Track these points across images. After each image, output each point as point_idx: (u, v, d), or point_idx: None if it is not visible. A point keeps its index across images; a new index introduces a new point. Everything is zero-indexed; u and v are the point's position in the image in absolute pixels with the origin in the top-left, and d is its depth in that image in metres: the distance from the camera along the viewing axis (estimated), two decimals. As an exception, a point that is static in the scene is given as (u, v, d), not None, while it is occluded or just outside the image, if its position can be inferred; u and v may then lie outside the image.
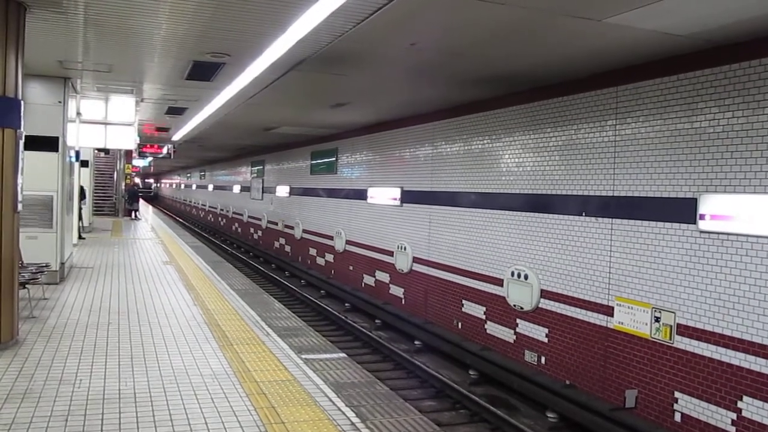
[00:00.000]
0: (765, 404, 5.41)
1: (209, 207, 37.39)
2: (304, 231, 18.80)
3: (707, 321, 5.97)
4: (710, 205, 5.91)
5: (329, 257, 16.58)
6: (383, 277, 13.14)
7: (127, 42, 6.77)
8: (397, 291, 12.51)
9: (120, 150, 23.03)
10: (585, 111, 7.57)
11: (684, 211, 6.19)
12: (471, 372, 8.90)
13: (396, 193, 12.49)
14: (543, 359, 8.20)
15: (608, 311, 7.15)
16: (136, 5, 5.40)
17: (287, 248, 20.63)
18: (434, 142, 11.17)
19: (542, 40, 6.03)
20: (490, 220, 9.44)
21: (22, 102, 5.80)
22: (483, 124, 9.68)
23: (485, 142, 9.61)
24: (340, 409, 4.52)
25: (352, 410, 4.54)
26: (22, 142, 5.85)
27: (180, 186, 55.55)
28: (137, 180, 54.14)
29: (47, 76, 8.95)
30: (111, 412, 4.26)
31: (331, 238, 16.37)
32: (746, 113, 5.62)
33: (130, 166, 30.03)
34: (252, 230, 25.82)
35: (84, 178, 16.61)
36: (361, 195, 14.39)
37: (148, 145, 22.35)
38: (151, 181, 78.47)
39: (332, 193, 16.60)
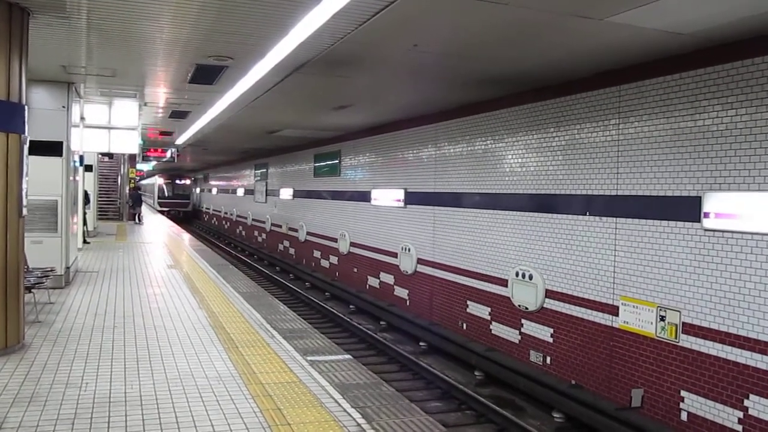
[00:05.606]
0: (772, 402, 5.39)
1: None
2: (308, 233, 18.81)
3: (713, 319, 5.95)
4: (715, 203, 5.89)
5: (333, 259, 16.59)
6: (388, 278, 13.13)
7: (130, 46, 6.80)
8: (401, 292, 12.50)
9: (124, 154, 23.13)
10: (588, 110, 7.56)
11: (688, 209, 6.17)
12: (476, 373, 8.89)
13: (400, 194, 12.49)
14: (548, 359, 8.18)
15: (613, 311, 7.13)
16: (139, 10, 5.42)
17: (291, 251, 20.64)
18: (437, 143, 11.17)
19: (544, 39, 6.02)
20: (494, 220, 9.43)
21: (26, 107, 5.83)
22: (486, 125, 9.67)
23: (488, 142, 9.61)
24: (345, 411, 4.52)
25: (357, 411, 4.54)
26: (26, 147, 5.88)
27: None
28: (162, 183, 43.02)
29: (51, 81, 9.00)
30: (117, 415, 4.27)
31: (335, 240, 16.38)
32: (750, 111, 5.60)
33: (134, 170, 30.02)
34: (256, 233, 25.84)
35: (88, 182, 16.69)
36: (364, 197, 14.39)
37: (152, 149, 22.45)
38: (187, 182, 44.69)
39: (336, 195, 16.61)
